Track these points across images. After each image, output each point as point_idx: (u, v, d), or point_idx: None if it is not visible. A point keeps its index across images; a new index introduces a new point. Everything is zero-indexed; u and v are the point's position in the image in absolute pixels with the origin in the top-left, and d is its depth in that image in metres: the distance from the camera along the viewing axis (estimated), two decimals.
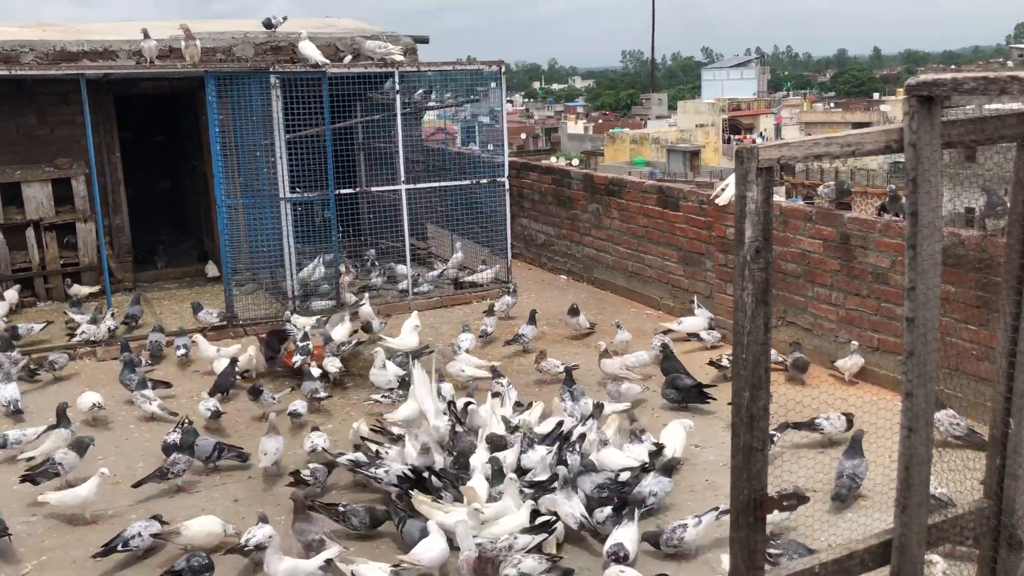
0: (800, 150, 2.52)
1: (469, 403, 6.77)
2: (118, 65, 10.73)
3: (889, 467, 5.77)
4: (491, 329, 9.34)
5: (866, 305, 7.79)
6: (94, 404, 7.33)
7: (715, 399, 7.30)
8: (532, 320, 9.16)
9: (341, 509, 5.53)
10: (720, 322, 9.08)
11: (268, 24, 11.49)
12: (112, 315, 9.48)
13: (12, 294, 10.17)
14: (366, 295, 10.18)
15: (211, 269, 11.91)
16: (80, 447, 6.28)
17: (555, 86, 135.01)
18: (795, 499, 2.67)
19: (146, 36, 10.06)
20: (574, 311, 9.49)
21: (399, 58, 10.74)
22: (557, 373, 7.84)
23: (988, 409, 5.84)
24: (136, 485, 6.08)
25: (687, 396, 7.33)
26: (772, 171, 2.45)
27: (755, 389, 2.56)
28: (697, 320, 9.14)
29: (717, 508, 5.26)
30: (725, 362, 7.99)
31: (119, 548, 5.27)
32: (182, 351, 8.84)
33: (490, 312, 9.74)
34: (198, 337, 8.90)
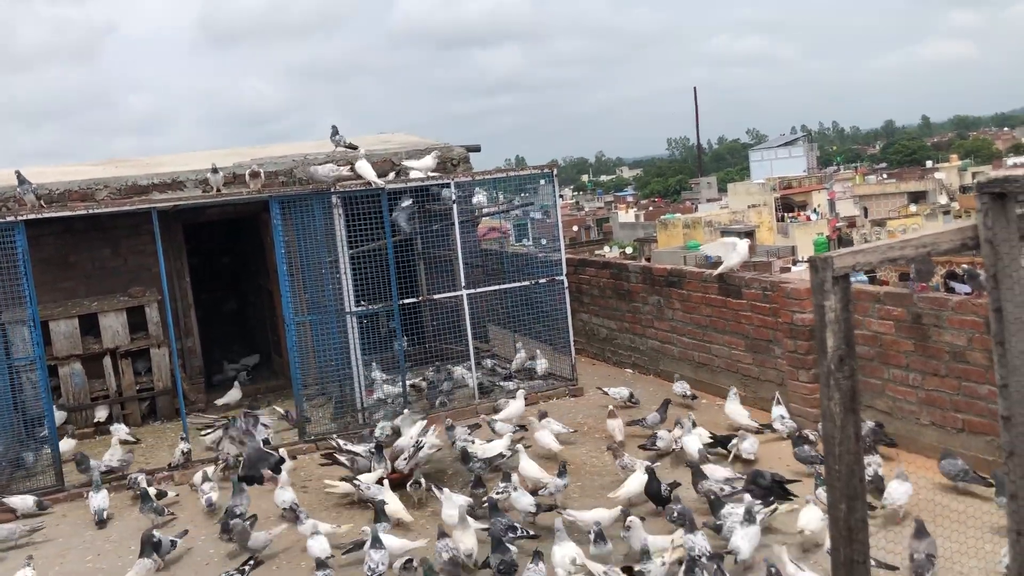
0: (875, 255, 2.51)
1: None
2: (186, 196, 11.18)
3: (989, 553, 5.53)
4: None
5: (946, 385, 7.56)
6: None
7: (797, 496, 7.05)
8: (664, 407, 9.24)
9: None
10: (795, 410, 8.88)
11: (336, 143, 11.77)
12: (185, 439, 9.65)
13: (121, 429, 10.33)
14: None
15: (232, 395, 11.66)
16: None
17: (603, 177, 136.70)
18: None
19: (214, 171, 10.57)
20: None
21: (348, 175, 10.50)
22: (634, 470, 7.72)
23: None
24: None
25: (769, 492, 7.11)
26: (848, 278, 2.44)
27: (851, 500, 2.49)
28: (739, 409, 9.01)
29: None
30: (813, 437, 8.03)
31: None
32: None
33: (652, 444, 8.63)
34: None
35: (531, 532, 6.78)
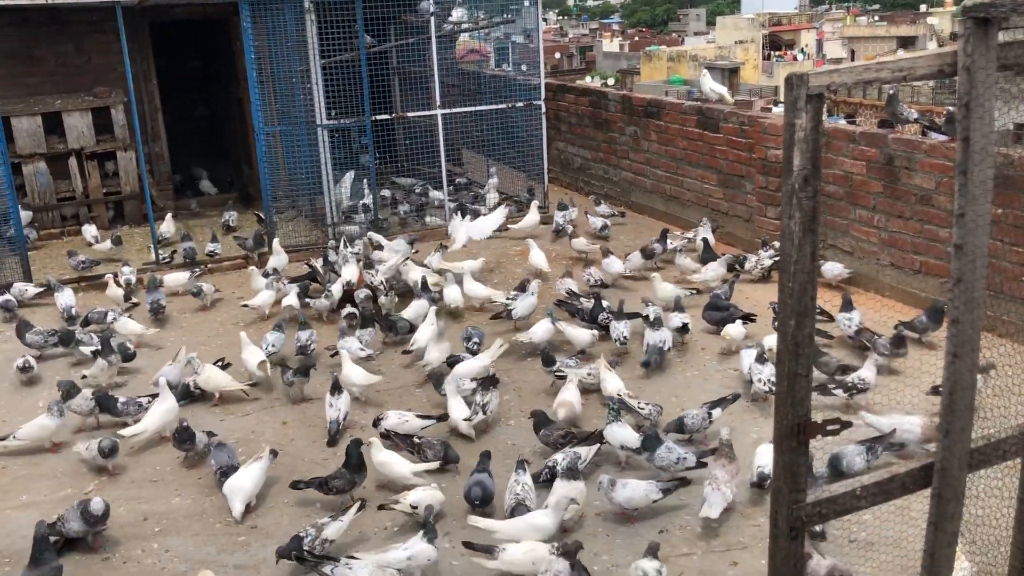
0: (851, 76, 2.48)
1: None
2: None
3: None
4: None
5: (909, 227, 7.69)
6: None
7: (754, 320, 7.32)
8: (663, 237, 9.23)
9: (416, 441, 5.68)
10: (759, 245, 9.03)
11: None
12: (159, 245, 9.71)
13: (90, 231, 10.30)
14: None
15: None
16: None
17: (590, 2, 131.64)
18: (839, 424, 2.71)
19: None
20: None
21: None
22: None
23: None
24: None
25: (727, 318, 7.33)
26: (822, 98, 2.42)
27: (801, 317, 2.58)
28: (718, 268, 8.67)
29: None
30: None
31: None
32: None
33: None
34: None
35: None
